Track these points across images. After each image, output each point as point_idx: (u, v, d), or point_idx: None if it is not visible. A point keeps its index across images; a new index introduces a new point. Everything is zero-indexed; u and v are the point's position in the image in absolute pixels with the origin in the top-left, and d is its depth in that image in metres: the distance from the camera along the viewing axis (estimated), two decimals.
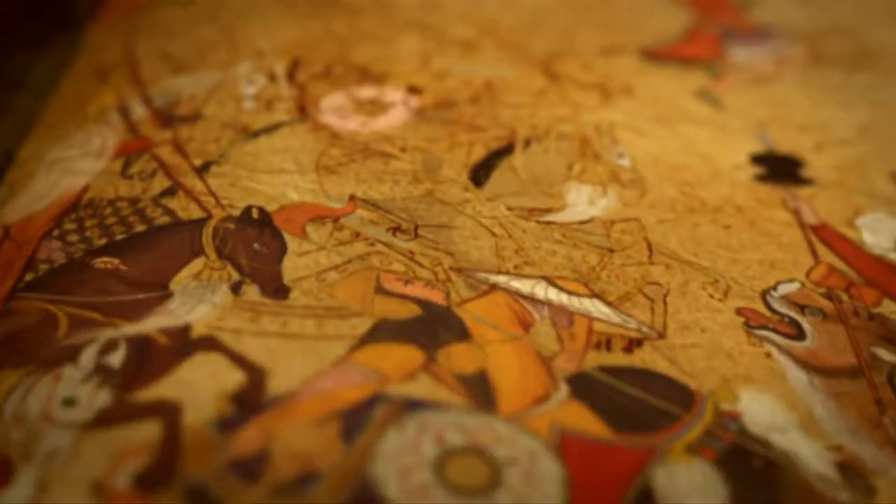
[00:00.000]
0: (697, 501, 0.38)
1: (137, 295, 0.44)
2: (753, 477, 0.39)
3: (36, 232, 0.48)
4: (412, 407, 0.40)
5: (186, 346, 0.41)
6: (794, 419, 0.42)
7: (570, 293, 0.46)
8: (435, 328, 0.43)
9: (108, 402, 0.39)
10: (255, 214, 0.48)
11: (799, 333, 0.45)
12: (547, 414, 0.40)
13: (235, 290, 0.44)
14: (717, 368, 0.43)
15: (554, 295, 0.46)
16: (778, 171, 0.56)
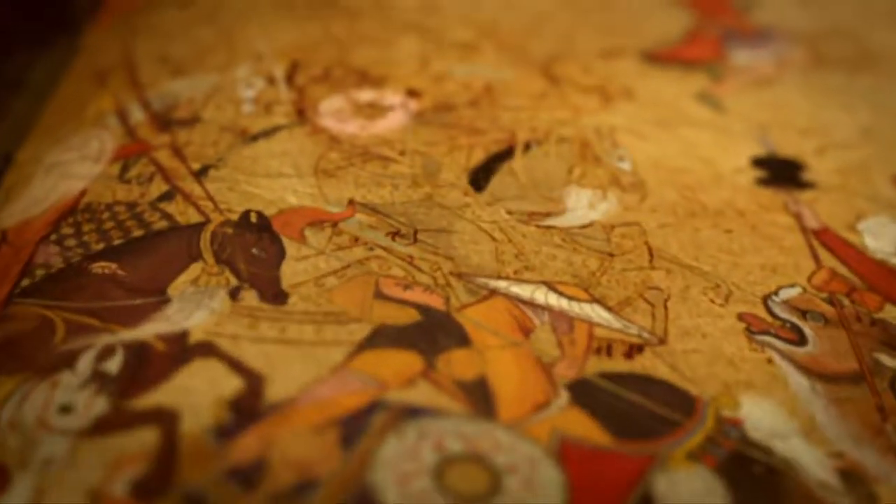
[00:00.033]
0: None
1: (135, 300, 0.43)
2: (755, 484, 0.39)
3: (33, 236, 0.48)
4: (411, 414, 0.39)
5: (184, 352, 0.41)
6: (795, 426, 0.41)
7: (570, 298, 0.46)
8: (434, 334, 0.43)
9: (105, 408, 0.39)
10: (253, 219, 0.48)
11: (800, 339, 0.45)
12: (547, 420, 0.40)
13: (233, 295, 0.44)
14: (718, 374, 0.43)
15: (554, 300, 0.45)
16: (779, 174, 0.56)
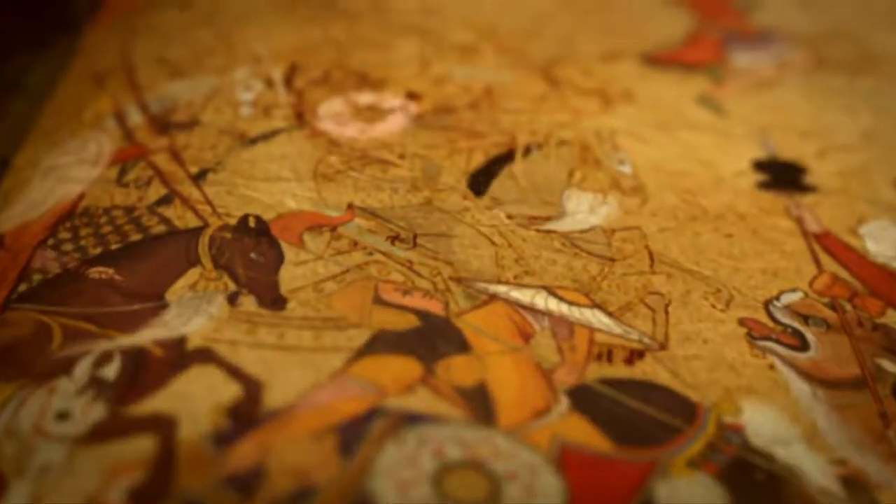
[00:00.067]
0: None
1: (133, 306, 0.43)
2: (756, 491, 0.39)
3: (31, 241, 0.48)
4: (411, 420, 0.39)
5: (182, 358, 0.41)
6: (797, 432, 0.41)
7: (570, 303, 0.45)
8: (434, 340, 0.43)
9: (102, 415, 0.38)
10: (252, 223, 0.48)
11: (802, 344, 0.45)
12: (547, 427, 0.40)
13: (232, 300, 0.43)
14: (719, 380, 0.43)
15: (554, 305, 0.45)
16: (780, 178, 0.56)
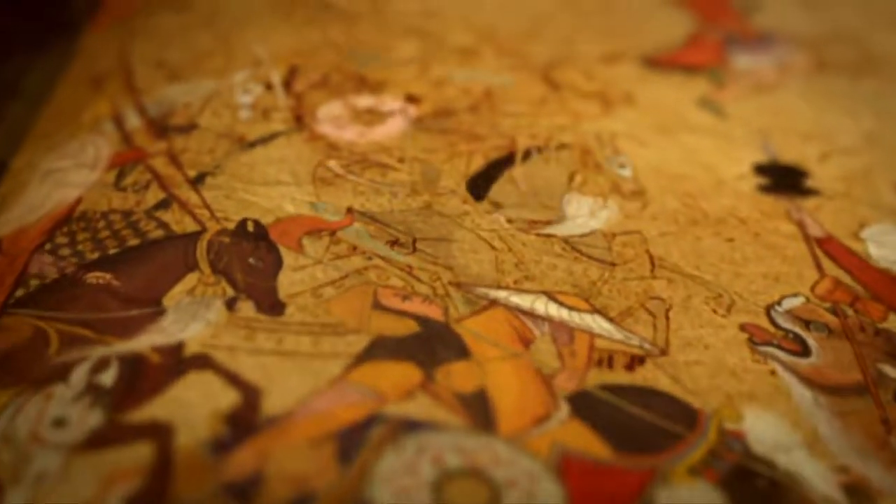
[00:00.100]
0: None
1: (130, 311, 0.43)
2: (757, 499, 0.38)
3: (28, 245, 0.47)
4: (410, 427, 0.39)
5: (180, 364, 0.40)
6: (798, 438, 0.41)
7: (570, 308, 0.45)
8: (433, 345, 0.42)
9: (99, 422, 0.38)
10: (250, 228, 0.47)
11: (804, 350, 0.45)
12: (547, 434, 0.39)
13: (230, 306, 0.43)
14: (720, 386, 0.42)
15: (554, 310, 0.45)
16: (782, 181, 0.55)
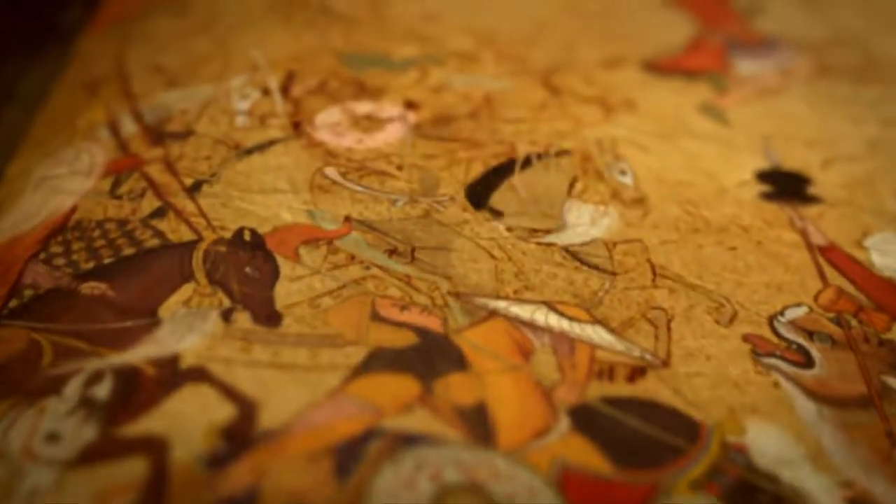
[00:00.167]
0: None
1: (125, 322, 0.42)
2: None
3: (22, 254, 0.47)
4: (408, 441, 0.38)
5: (175, 377, 0.40)
6: (802, 452, 0.40)
7: (571, 319, 0.45)
8: (432, 357, 0.42)
9: (92, 436, 0.38)
10: (247, 237, 0.47)
11: (807, 361, 0.44)
12: (548, 448, 0.39)
13: (226, 317, 0.43)
14: (723, 398, 0.42)
15: (555, 321, 0.44)
16: (784, 188, 0.55)
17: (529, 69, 0.63)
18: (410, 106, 0.57)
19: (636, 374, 0.43)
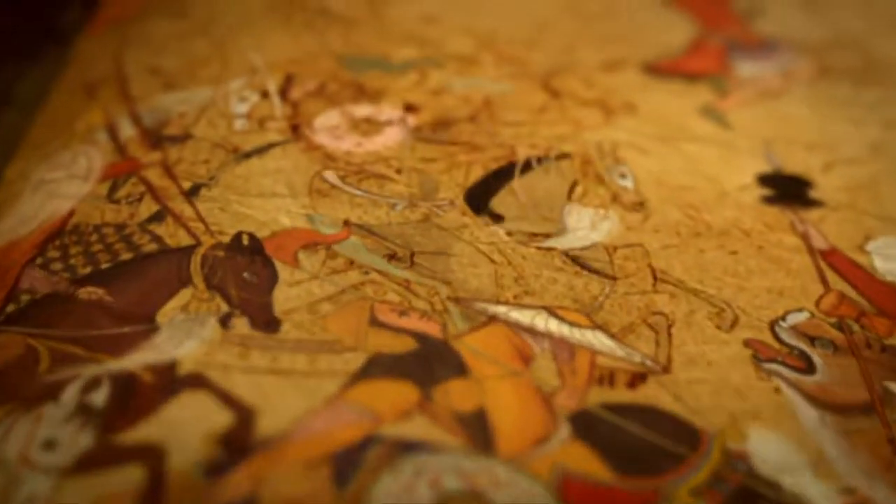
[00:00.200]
0: None
1: (123, 328, 0.42)
2: None
3: (19, 258, 0.47)
4: (407, 449, 0.38)
5: (173, 383, 0.40)
6: (804, 459, 0.40)
7: (571, 324, 0.44)
8: (431, 363, 0.41)
9: (90, 444, 0.37)
10: (245, 241, 0.46)
11: (809, 367, 0.44)
12: (548, 455, 0.39)
13: (224, 322, 0.42)
14: (724, 405, 0.42)
15: (555, 326, 0.44)
16: (785, 192, 0.55)
17: (529, 72, 0.63)
18: (410, 109, 0.57)
19: (637, 380, 0.42)
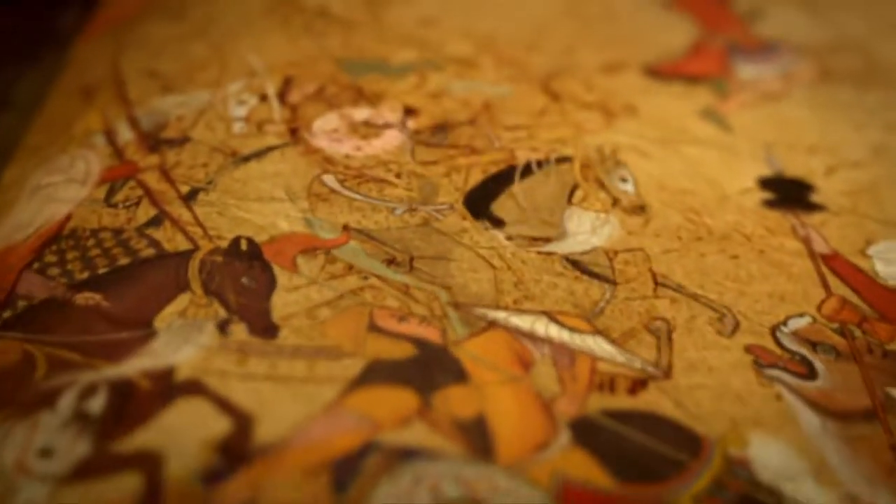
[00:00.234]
0: None
1: (120, 334, 0.42)
2: None
3: (17, 264, 0.46)
4: (406, 456, 0.38)
5: (170, 390, 0.39)
6: (805, 466, 0.40)
7: (571, 330, 0.44)
8: (431, 369, 0.41)
9: (87, 451, 0.37)
10: (243, 246, 0.46)
11: (810, 373, 0.44)
12: (548, 462, 0.38)
13: (222, 328, 0.42)
14: (725, 411, 0.41)
15: (555, 332, 0.44)
16: (787, 196, 0.54)
17: (529, 75, 0.62)
18: (409, 112, 0.57)
19: (637, 386, 0.42)
